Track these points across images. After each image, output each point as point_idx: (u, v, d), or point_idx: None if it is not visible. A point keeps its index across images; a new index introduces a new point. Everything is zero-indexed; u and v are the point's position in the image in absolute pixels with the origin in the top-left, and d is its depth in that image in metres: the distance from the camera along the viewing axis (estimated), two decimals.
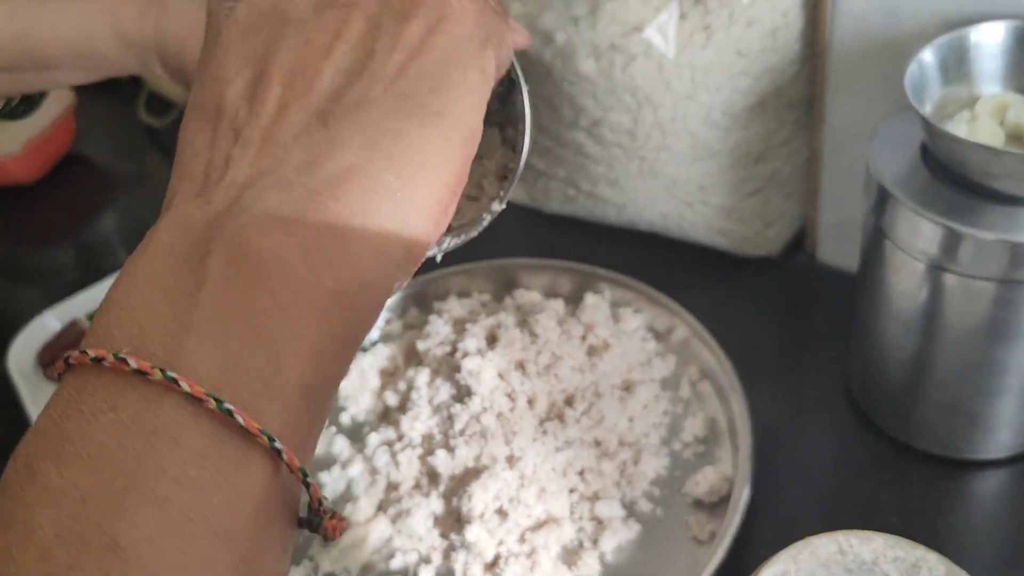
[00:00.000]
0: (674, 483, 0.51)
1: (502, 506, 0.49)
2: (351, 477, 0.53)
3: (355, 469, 0.53)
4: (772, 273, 0.64)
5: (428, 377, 0.55)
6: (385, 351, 0.59)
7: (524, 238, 0.68)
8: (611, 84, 0.57)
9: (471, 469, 0.50)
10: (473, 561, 0.48)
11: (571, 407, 0.53)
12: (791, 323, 0.61)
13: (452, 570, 0.48)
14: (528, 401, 0.53)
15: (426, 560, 0.49)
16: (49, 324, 0.63)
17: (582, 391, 0.54)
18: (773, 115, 0.58)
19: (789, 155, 0.60)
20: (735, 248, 0.64)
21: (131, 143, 0.86)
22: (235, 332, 0.24)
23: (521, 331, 0.56)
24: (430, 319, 0.59)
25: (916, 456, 0.52)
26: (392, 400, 0.56)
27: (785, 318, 0.61)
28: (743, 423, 0.51)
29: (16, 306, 0.71)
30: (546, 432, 0.52)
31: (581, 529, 0.49)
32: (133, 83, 0.86)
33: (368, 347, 0.61)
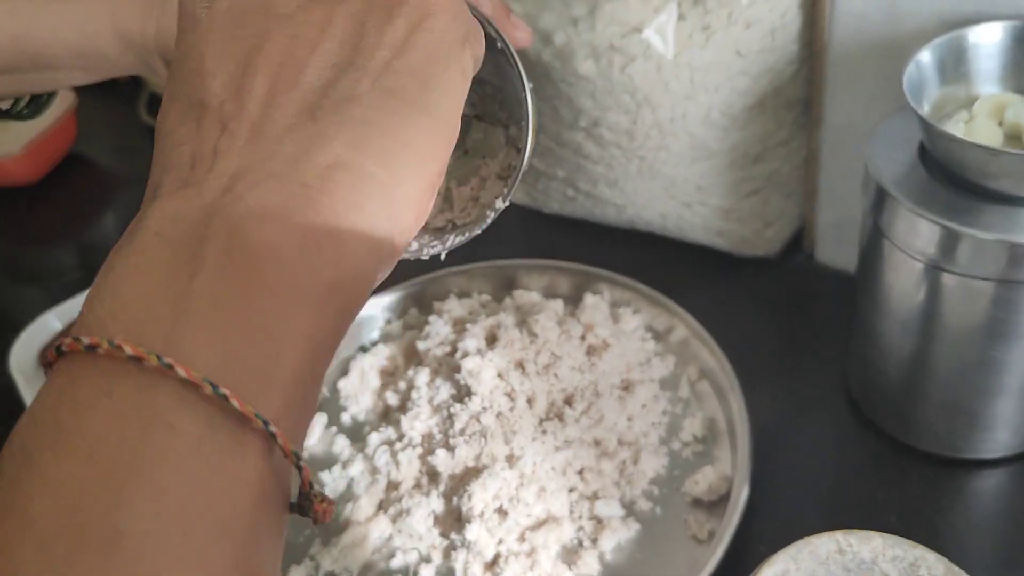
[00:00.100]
0: (673, 482, 0.51)
1: (502, 505, 0.49)
2: (352, 476, 0.53)
3: (356, 468, 0.53)
4: (771, 273, 0.64)
5: (428, 377, 0.55)
6: (385, 351, 0.59)
7: (524, 239, 0.68)
8: (610, 85, 0.57)
9: (471, 468, 0.51)
10: (473, 560, 0.48)
11: (570, 407, 0.53)
12: (790, 323, 0.61)
13: (452, 569, 0.48)
14: (528, 401, 0.53)
15: (426, 559, 0.49)
16: (50, 324, 0.63)
17: (581, 391, 0.54)
18: (772, 115, 0.58)
19: (788, 155, 0.60)
20: (734, 248, 0.64)
21: (131, 143, 0.86)
22: (232, 321, 0.24)
23: (521, 331, 0.56)
24: (430, 319, 0.59)
25: (915, 455, 0.52)
26: (392, 400, 0.56)
27: (784, 318, 0.62)
28: (742, 422, 0.51)
29: (17, 306, 0.71)
30: (546, 432, 0.52)
31: (581, 528, 0.50)
32: (133, 83, 0.86)
33: (368, 347, 0.61)
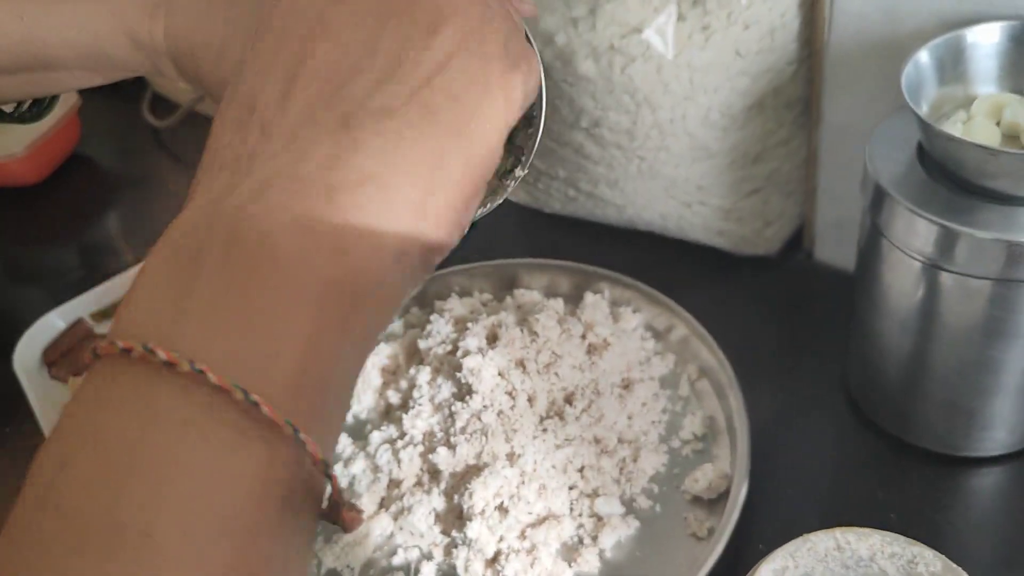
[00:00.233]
0: (673, 480, 0.52)
1: (503, 503, 0.49)
2: (353, 474, 0.53)
3: (357, 466, 0.53)
4: (770, 272, 0.64)
5: (429, 375, 0.55)
6: (387, 350, 0.59)
7: (525, 238, 0.69)
8: (610, 85, 0.57)
9: (472, 466, 0.51)
10: (474, 557, 0.48)
11: (571, 405, 0.53)
12: (789, 322, 0.61)
13: (453, 566, 0.49)
14: (528, 399, 0.53)
15: (428, 556, 0.50)
16: (54, 323, 0.63)
17: (582, 389, 0.54)
18: (771, 115, 0.58)
19: (787, 155, 0.61)
20: (734, 248, 0.64)
21: (135, 144, 0.86)
22: (230, 320, 0.24)
23: (521, 330, 0.56)
24: (431, 318, 0.59)
25: (914, 454, 0.52)
26: (394, 398, 0.57)
27: (783, 317, 0.62)
28: (741, 421, 0.51)
29: (21, 306, 0.72)
30: (546, 430, 0.52)
31: (581, 526, 0.50)
32: (137, 84, 0.86)
33: None
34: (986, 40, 0.47)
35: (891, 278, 0.48)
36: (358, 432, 0.56)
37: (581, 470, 0.51)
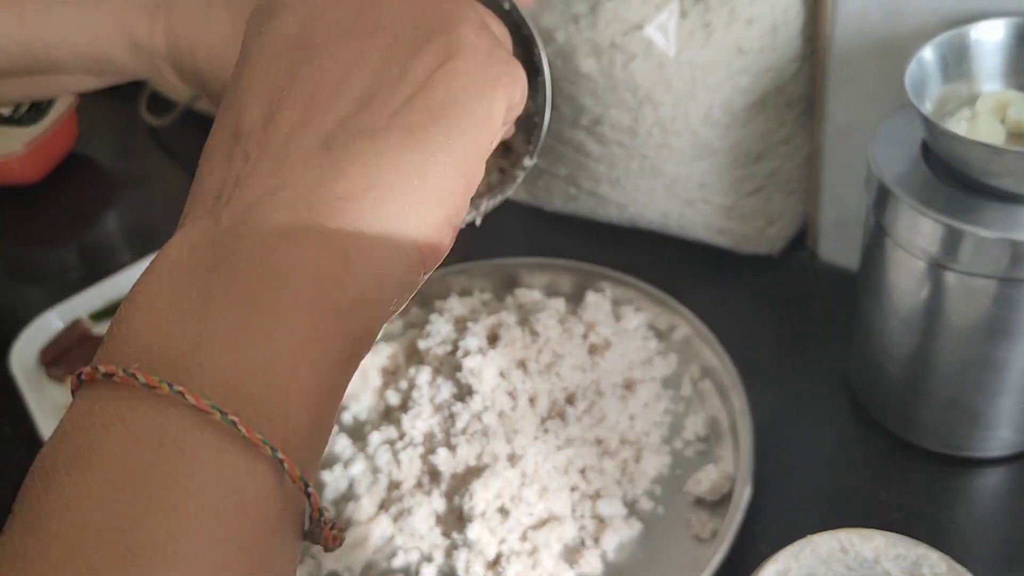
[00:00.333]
0: (675, 481, 0.51)
1: (503, 504, 0.49)
2: (353, 476, 0.53)
3: (357, 468, 0.53)
4: (773, 271, 0.64)
5: (429, 376, 0.55)
6: (386, 350, 0.59)
7: (525, 237, 0.68)
8: (611, 83, 0.57)
9: (472, 468, 0.51)
10: (475, 559, 0.48)
11: (572, 405, 0.53)
12: (792, 321, 0.61)
13: (454, 568, 0.48)
14: (529, 400, 0.53)
15: (428, 559, 0.49)
16: (52, 323, 0.64)
17: (583, 389, 0.54)
18: (773, 113, 0.58)
19: (789, 153, 0.60)
20: (736, 246, 0.64)
21: (133, 143, 0.86)
22: (237, 347, 0.25)
23: (522, 330, 0.56)
24: (431, 318, 0.59)
25: (917, 454, 0.52)
26: (394, 399, 0.56)
27: (786, 316, 0.61)
28: (744, 421, 0.51)
29: (19, 305, 0.71)
30: (547, 431, 0.52)
31: (583, 527, 0.49)
32: (135, 83, 0.86)
33: None
34: (990, 37, 0.46)
35: (895, 277, 0.47)
36: (358, 433, 0.56)
37: (583, 471, 0.51)
